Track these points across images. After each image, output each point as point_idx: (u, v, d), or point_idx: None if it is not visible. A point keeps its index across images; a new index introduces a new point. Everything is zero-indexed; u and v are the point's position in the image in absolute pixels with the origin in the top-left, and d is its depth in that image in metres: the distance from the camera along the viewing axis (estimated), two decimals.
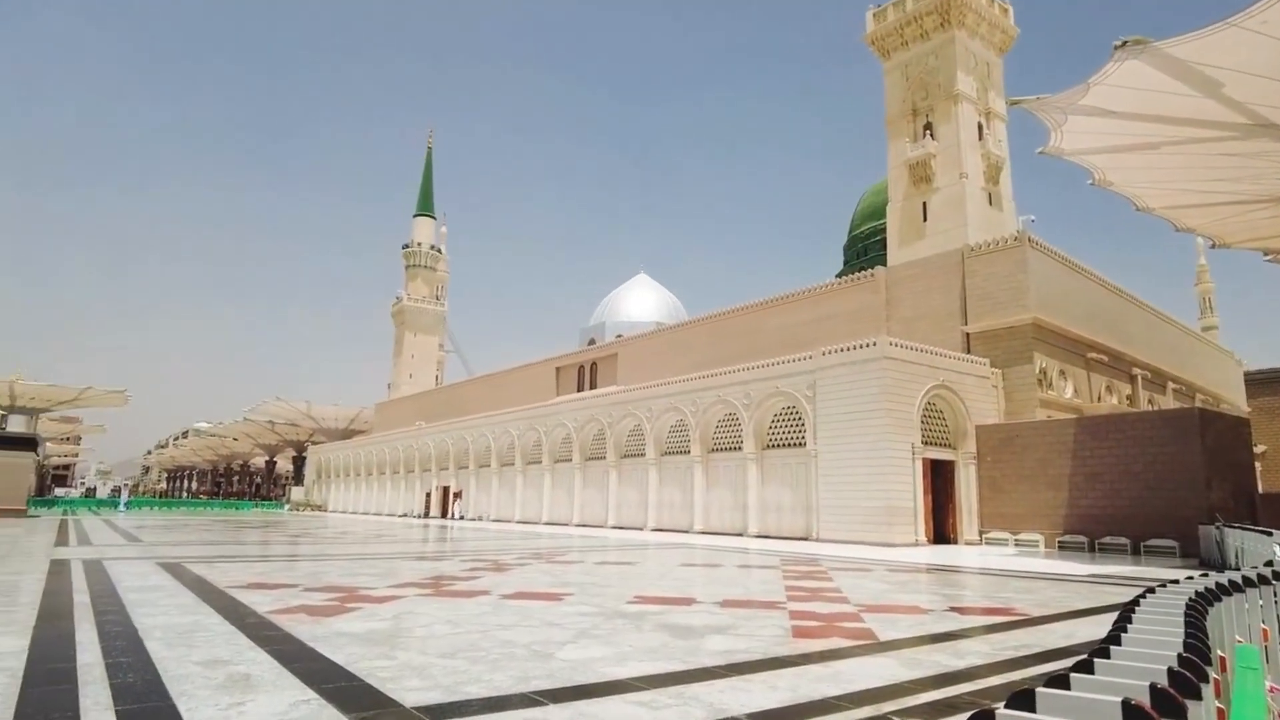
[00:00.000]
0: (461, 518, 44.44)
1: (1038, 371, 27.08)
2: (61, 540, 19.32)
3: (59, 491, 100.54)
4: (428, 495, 50.22)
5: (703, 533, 28.59)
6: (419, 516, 48.66)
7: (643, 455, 32.86)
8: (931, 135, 35.69)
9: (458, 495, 46.50)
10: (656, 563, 15.91)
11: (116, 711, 4.05)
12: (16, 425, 62.19)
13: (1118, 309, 34.39)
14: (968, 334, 28.82)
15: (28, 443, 40.30)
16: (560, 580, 11.80)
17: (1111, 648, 3.24)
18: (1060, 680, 2.68)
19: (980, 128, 35.91)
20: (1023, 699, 2.52)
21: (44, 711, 4.08)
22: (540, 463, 39.50)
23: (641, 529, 31.51)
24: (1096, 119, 14.45)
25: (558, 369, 52.16)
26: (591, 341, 58.29)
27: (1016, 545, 22.68)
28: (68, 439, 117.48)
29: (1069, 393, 29.05)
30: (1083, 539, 21.51)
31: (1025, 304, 27.39)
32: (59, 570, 11.65)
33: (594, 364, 49.52)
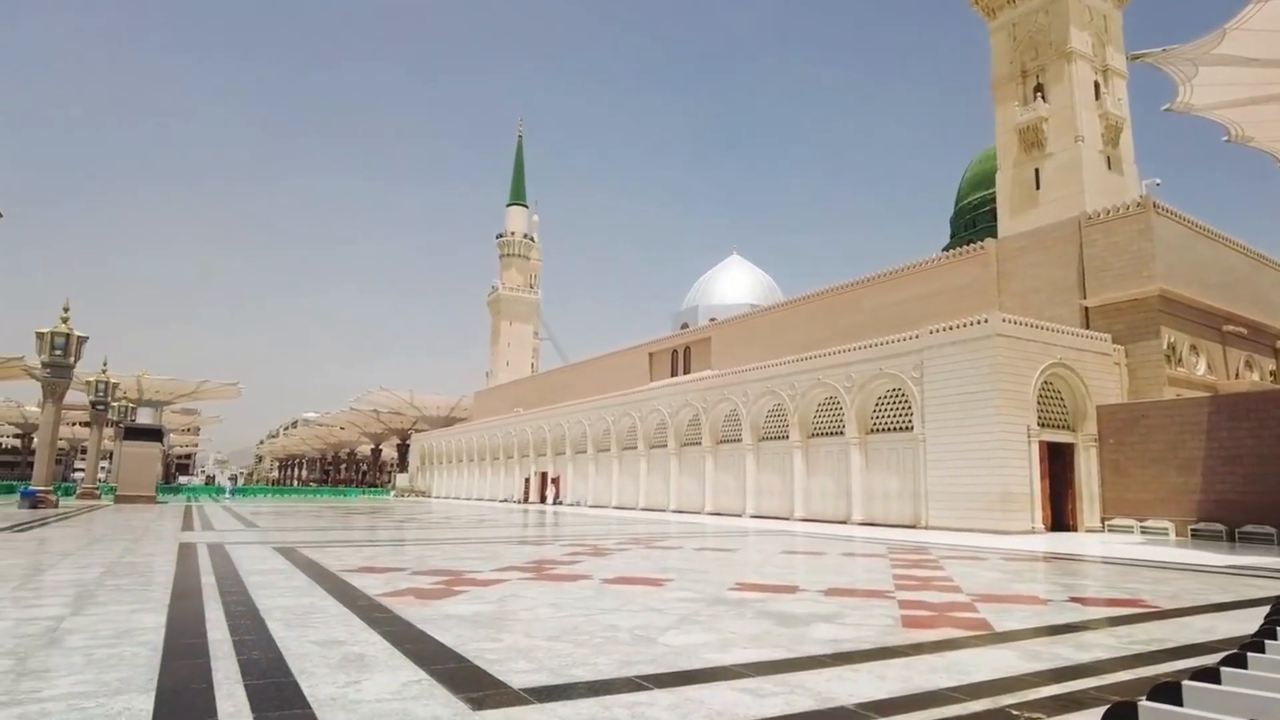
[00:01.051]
0: (559, 503, 45.39)
1: (1165, 347, 25.22)
2: (187, 525, 20.76)
3: (182, 479, 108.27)
4: (526, 481, 51.52)
5: (803, 520, 28.15)
6: (518, 502, 50.02)
7: (739, 440, 32.60)
8: (1043, 97, 33.58)
9: (555, 481, 47.51)
10: (756, 550, 15.75)
11: (245, 685, 4.30)
12: (144, 417, 67.18)
13: (1259, 277, 31.57)
14: (1086, 308, 27.12)
15: (155, 434, 43.46)
16: (660, 566, 11.83)
17: (1266, 642, 2.96)
18: (1209, 674, 2.47)
19: (1097, 86, 33.50)
20: (1167, 692, 2.33)
21: (184, 682, 4.39)
22: (636, 448, 39.82)
23: (739, 515, 31.31)
24: (1232, 69, 13.23)
25: (651, 354, 52.39)
26: (684, 325, 58.15)
27: (1143, 533, 21.30)
28: (188, 430, 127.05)
29: (1201, 369, 26.94)
30: (1220, 527, 19.96)
31: (1150, 274, 25.52)
32: (187, 553, 12.50)
33: (687, 348, 49.45)
